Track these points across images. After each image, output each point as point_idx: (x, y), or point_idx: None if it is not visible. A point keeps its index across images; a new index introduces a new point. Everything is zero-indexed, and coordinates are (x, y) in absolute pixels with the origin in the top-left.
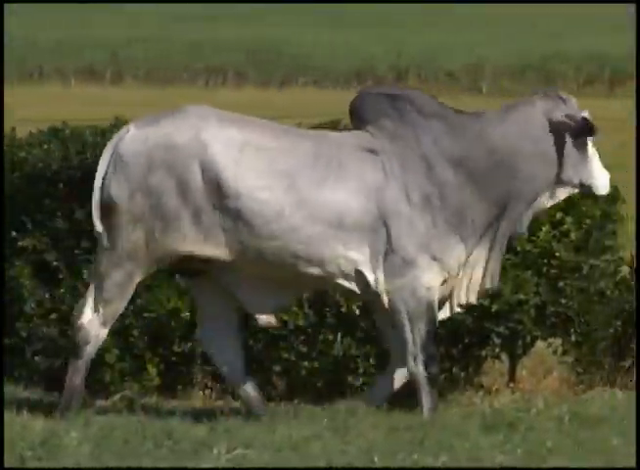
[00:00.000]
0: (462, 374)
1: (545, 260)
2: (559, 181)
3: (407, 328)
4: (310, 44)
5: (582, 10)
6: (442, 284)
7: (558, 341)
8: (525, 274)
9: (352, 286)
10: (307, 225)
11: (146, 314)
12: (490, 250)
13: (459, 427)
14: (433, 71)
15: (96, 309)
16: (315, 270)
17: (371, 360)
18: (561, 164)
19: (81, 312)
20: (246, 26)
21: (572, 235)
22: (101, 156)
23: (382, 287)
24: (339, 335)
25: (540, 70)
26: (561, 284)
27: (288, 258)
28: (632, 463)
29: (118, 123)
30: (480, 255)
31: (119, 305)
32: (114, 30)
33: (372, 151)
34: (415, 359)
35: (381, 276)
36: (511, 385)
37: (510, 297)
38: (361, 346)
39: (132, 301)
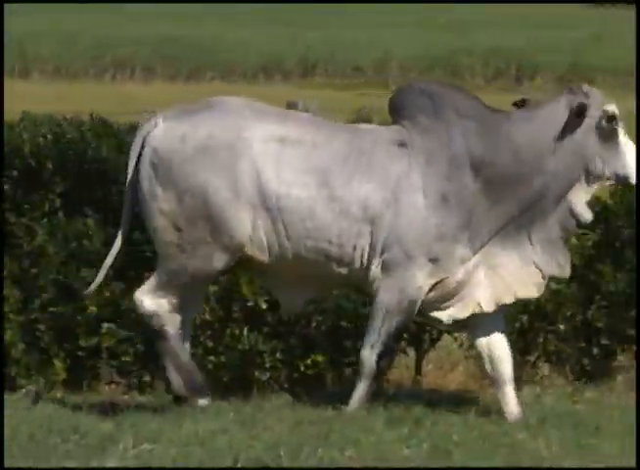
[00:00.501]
0: None
1: None
2: (590, 174)
3: (380, 318)
4: (218, 39)
5: (490, 6)
6: (438, 284)
7: (464, 335)
8: None
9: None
10: (336, 223)
11: (52, 309)
12: (528, 250)
13: (365, 421)
14: (340, 66)
15: (161, 296)
16: (345, 270)
17: (278, 355)
18: (588, 157)
19: (142, 295)
20: (153, 22)
21: None
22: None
23: (375, 274)
24: (245, 329)
25: (447, 64)
26: None
27: (321, 259)
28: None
29: (27, 117)
30: (499, 255)
31: (189, 298)
32: (20, 25)
33: (402, 144)
34: (372, 348)
35: (379, 264)
36: (417, 379)
37: None
38: (268, 340)
39: (39, 295)
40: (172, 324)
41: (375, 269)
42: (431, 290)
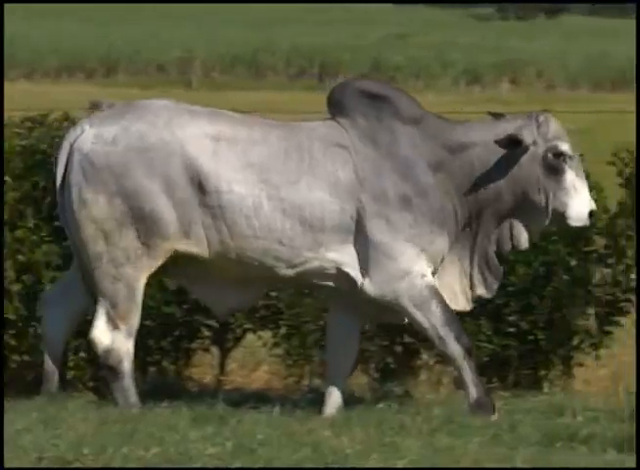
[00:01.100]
0: (172, 367)
1: None
2: (532, 203)
3: (419, 317)
4: (20, 37)
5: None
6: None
7: (268, 334)
8: None
9: (337, 284)
10: (287, 224)
11: None
12: (468, 260)
13: (169, 420)
14: (143, 65)
15: (115, 326)
16: (292, 272)
17: (82, 354)
18: (530, 185)
19: (102, 334)
20: None
21: None
22: None
23: (372, 288)
24: None
25: (251, 62)
26: None
27: (269, 260)
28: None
29: None
30: (454, 262)
31: (135, 313)
32: None
33: (342, 146)
34: (440, 340)
35: (369, 276)
36: (221, 378)
37: None
38: (72, 339)
39: None
40: (127, 361)
41: (362, 279)
42: None
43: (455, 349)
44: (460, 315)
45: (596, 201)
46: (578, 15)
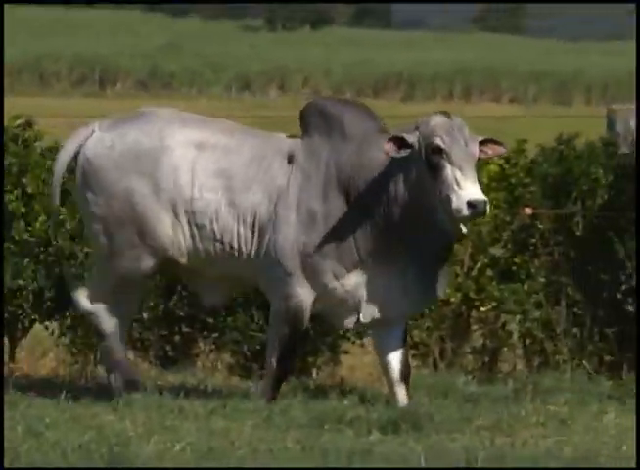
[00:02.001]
0: None
1: (42, 248)
2: (431, 203)
3: (273, 326)
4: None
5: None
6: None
7: (54, 324)
8: (23, 262)
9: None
10: (235, 228)
11: None
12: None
13: None
14: None
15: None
16: (248, 274)
17: None
18: (421, 188)
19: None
20: None
21: (68, 224)
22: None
23: (265, 286)
24: None
25: (35, 69)
26: (57, 270)
27: (231, 261)
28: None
29: None
30: (380, 275)
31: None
32: None
33: (290, 159)
34: (271, 353)
35: (267, 277)
36: (11, 366)
37: (10, 283)
38: None
39: None
40: (108, 323)
41: (264, 282)
42: (316, 301)
43: (272, 367)
44: (231, 306)
45: None
46: (341, 26)
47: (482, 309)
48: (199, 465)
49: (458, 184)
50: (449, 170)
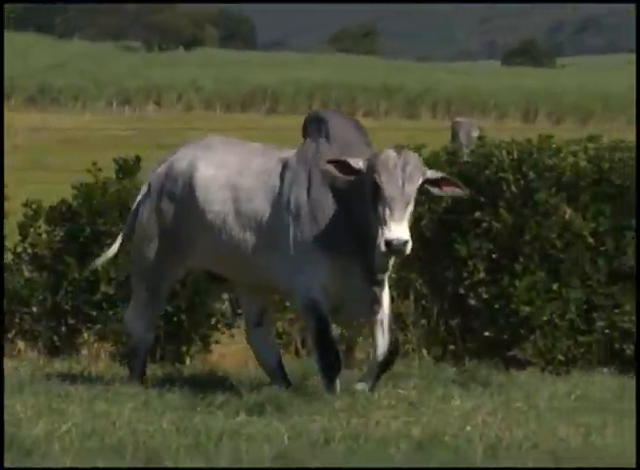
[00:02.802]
0: None
1: None
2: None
3: (308, 324)
4: None
5: None
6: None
7: None
8: None
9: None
10: (243, 235)
11: None
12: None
13: None
14: None
15: (138, 316)
16: (255, 275)
17: None
18: (364, 203)
19: (127, 320)
20: None
21: None
22: None
23: (285, 287)
24: None
25: None
26: None
27: (243, 268)
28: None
29: None
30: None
31: (156, 311)
32: None
33: (284, 163)
34: (315, 354)
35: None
36: None
37: None
38: None
39: None
40: (144, 345)
41: (280, 285)
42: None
43: (320, 366)
44: (113, 300)
45: None
46: (212, 48)
47: None
48: (82, 445)
49: (385, 222)
50: (381, 207)
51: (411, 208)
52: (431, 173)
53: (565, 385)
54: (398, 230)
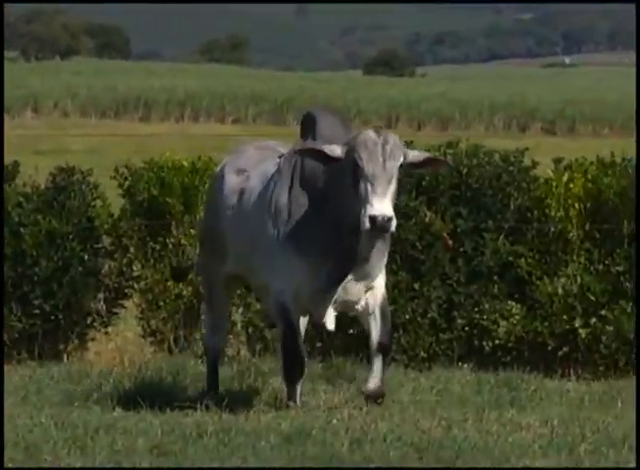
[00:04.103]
0: None
1: None
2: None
3: (278, 328)
4: None
5: None
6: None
7: None
8: None
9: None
10: (243, 239)
11: None
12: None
13: None
14: None
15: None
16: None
17: None
18: (344, 194)
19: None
20: None
21: None
22: None
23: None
24: None
25: None
26: None
27: (249, 271)
28: None
29: None
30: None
31: (221, 314)
32: None
33: (278, 163)
34: (280, 356)
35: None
36: None
37: None
38: None
39: None
40: (218, 359)
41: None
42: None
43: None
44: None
45: (102, 207)
46: (87, 57)
47: None
48: None
49: (367, 199)
50: (362, 185)
51: (394, 186)
52: (413, 155)
53: (427, 380)
54: (381, 206)
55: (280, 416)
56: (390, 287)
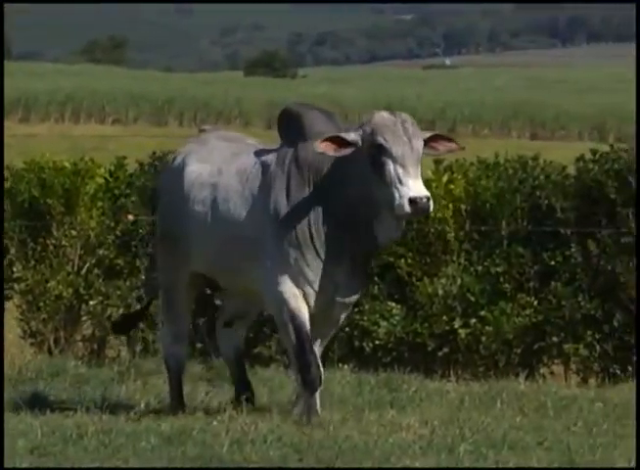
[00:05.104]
0: None
1: None
2: (373, 199)
3: (281, 336)
4: None
5: None
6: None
7: None
8: None
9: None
10: (220, 238)
11: None
12: (338, 264)
13: None
14: None
15: (167, 330)
16: (239, 280)
17: None
18: (368, 183)
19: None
20: None
21: None
22: None
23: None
24: None
25: None
26: None
27: (226, 272)
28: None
29: None
30: (330, 269)
31: (183, 320)
32: None
33: (264, 164)
34: (293, 367)
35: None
36: None
37: None
38: None
39: None
40: (183, 371)
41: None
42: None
43: (298, 380)
44: None
45: None
46: None
47: (91, 303)
48: None
49: (400, 181)
50: (391, 167)
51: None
52: (423, 133)
53: None
54: (419, 187)
55: (160, 417)
56: None
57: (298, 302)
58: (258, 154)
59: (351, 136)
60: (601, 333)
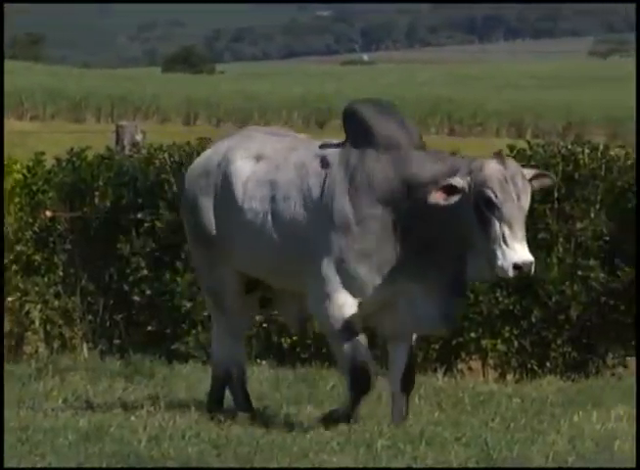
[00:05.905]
0: None
1: None
2: (471, 243)
3: (333, 346)
4: None
5: None
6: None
7: None
8: None
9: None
10: (277, 238)
11: None
12: (416, 291)
13: None
14: None
15: (218, 338)
16: (293, 282)
17: None
18: (463, 227)
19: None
20: None
21: None
22: None
23: (310, 304)
24: None
25: None
26: None
27: (269, 271)
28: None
29: None
30: (402, 291)
31: (237, 319)
32: None
33: (325, 163)
34: (344, 374)
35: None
36: None
37: None
38: None
39: None
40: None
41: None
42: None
43: (350, 391)
44: None
45: None
46: None
47: (9, 299)
48: None
49: (506, 242)
50: (498, 227)
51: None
52: (527, 174)
53: None
54: (524, 252)
55: (78, 414)
56: (189, 284)
57: (354, 310)
58: (317, 148)
59: (460, 183)
60: (519, 329)
